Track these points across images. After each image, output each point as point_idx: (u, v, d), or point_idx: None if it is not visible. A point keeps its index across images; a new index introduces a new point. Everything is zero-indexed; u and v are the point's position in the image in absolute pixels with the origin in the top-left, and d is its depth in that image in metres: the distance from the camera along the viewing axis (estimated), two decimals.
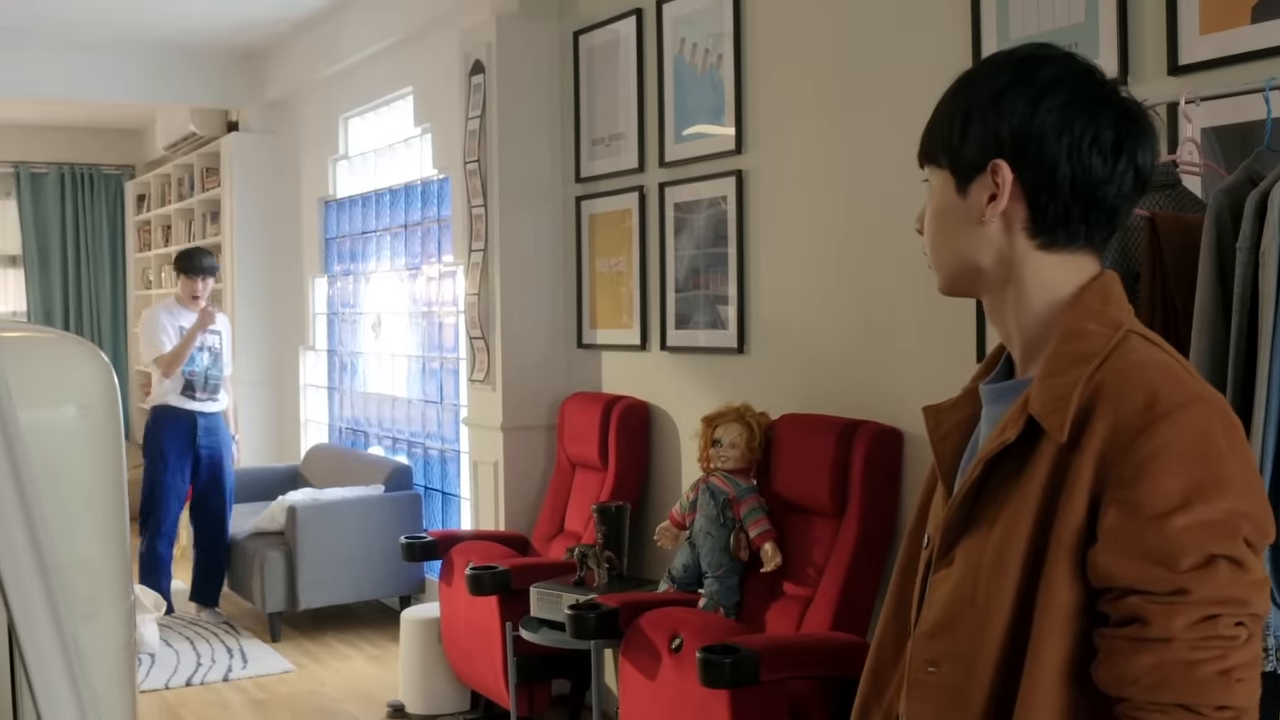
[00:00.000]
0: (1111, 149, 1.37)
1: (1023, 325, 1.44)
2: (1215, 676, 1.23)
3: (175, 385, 6.68)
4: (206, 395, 6.77)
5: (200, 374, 6.72)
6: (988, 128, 1.40)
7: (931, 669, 1.42)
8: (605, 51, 5.20)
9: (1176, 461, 1.25)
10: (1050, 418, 1.32)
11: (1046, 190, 1.38)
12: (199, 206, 9.64)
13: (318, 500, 6.58)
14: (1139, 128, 1.40)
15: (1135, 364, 1.32)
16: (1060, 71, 1.40)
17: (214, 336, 6.76)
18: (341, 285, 8.12)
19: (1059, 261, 1.41)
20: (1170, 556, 1.24)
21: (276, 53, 8.32)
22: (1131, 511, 1.26)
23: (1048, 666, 1.30)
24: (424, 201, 6.99)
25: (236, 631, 6.61)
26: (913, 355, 3.81)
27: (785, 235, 4.34)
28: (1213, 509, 1.24)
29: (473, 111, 5.49)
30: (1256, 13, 2.91)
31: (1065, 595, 1.30)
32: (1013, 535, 1.34)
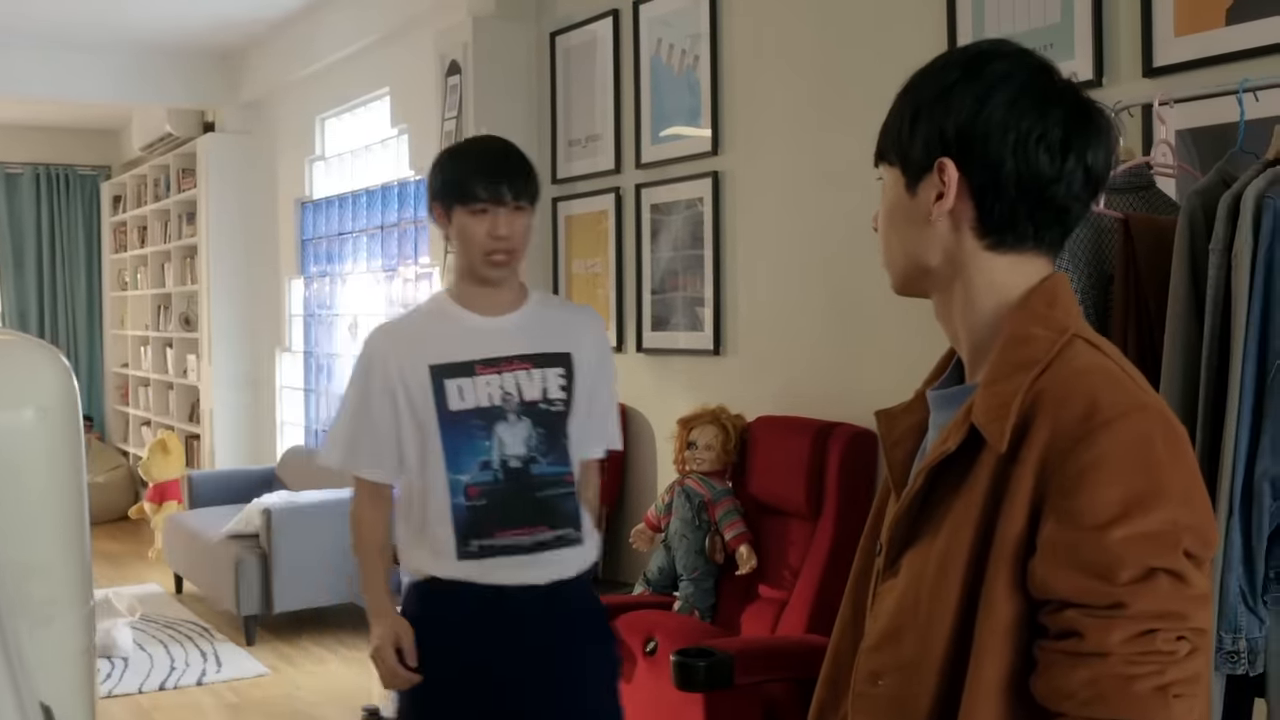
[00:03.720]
0: (1059, 147, 1.34)
1: (970, 327, 1.41)
2: (1152, 692, 1.19)
3: None
4: None
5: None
6: (934, 125, 1.37)
7: (876, 682, 1.39)
8: (582, 52, 5.18)
9: (1116, 472, 1.22)
10: (990, 427, 1.29)
11: (993, 189, 1.35)
12: (175, 207, 9.58)
13: (293, 503, 6.54)
14: (1091, 126, 1.36)
15: (1077, 371, 1.29)
16: (1010, 67, 1.36)
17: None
18: (318, 287, 8.08)
19: (1008, 263, 1.38)
20: (1108, 569, 1.20)
21: (253, 53, 8.28)
22: (1070, 522, 1.23)
23: (988, 680, 1.27)
24: (401, 202, 6.97)
25: (211, 635, 6.56)
26: (889, 357, 3.80)
27: (762, 237, 4.33)
28: (1152, 520, 1.21)
29: (449, 112, 5.46)
30: (1231, 15, 2.91)
31: (1006, 607, 1.27)
32: (955, 546, 1.32)
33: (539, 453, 2.63)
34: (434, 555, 2.63)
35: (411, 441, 2.64)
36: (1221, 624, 2.12)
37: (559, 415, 2.65)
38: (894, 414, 1.53)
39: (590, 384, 2.71)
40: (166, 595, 7.49)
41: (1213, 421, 2.16)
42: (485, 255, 2.59)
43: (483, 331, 2.66)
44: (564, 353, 2.69)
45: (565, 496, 2.66)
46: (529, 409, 2.63)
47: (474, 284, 2.67)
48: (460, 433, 2.61)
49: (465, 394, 2.61)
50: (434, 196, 2.68)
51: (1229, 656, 2.13)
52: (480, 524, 2.60)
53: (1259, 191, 2.13)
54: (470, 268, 2.65)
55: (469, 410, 2.61)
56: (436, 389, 2.61)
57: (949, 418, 1.38)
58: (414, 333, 2.73)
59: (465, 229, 2.59)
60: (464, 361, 2.63)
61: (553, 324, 2.74)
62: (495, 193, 2.57)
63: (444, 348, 2.65)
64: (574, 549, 2.68)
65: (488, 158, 2.67)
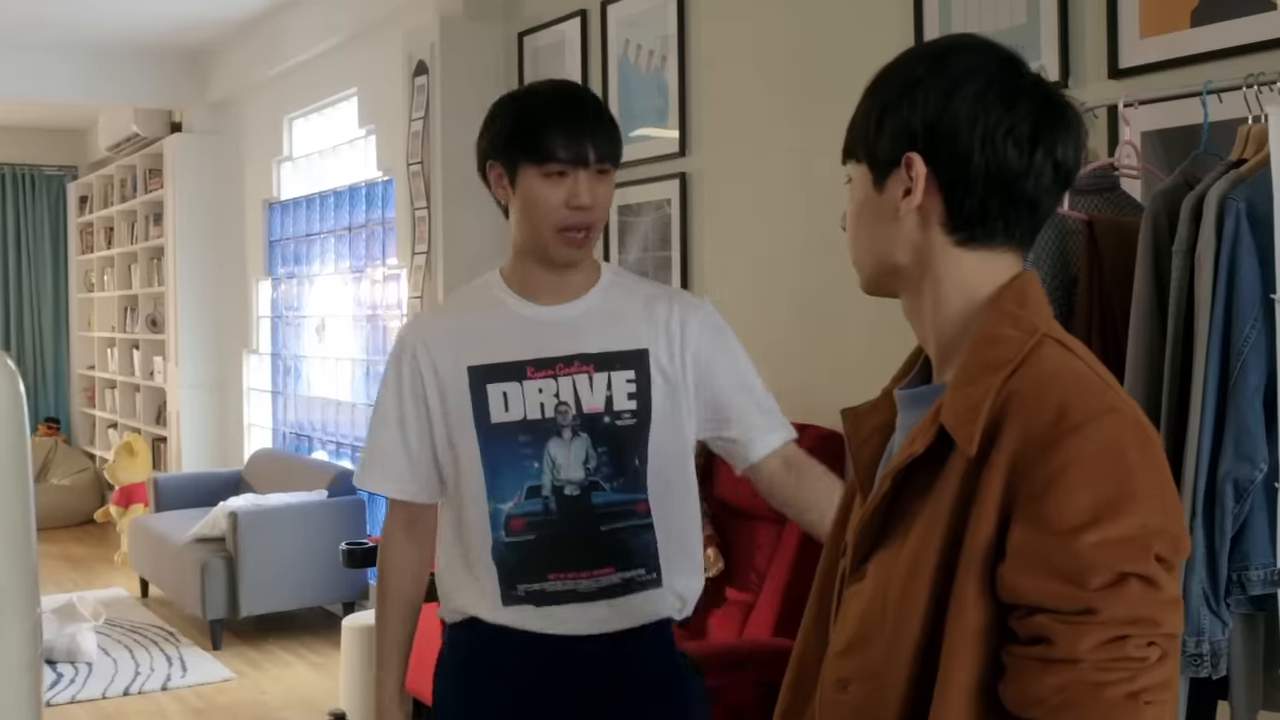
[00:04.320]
0: (1028, 140, 1.31)
1: (938, 326, 1.38)
2: (1123, 699, 1.17)
3: None
4: None
5: None
6: (901, 120, 1.35)
7: (844, 689, 1.36)
8: (550, 53, 5.16)
9: (1087, 476, 1.20)
10: (960, 430, 1.26)
11: (961, 183, 1.32)
12: (142, 208, 9.51)
13: (260, 506, 6.50)
14: (1060, 120, 1.34)
15: (1048, 373, 1.26)
16: (976, 61, 1.34)
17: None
18: (285, 288, 8.03)
19: (978, 259, 1.35)
20: (1079, 574, 1.18)
21: (220, 53, 8.22)
22: (1040, 527, 1.20)
23: (957, 687, 1.25)
24: (368, 203, 6.92)
25: (176, 639, 6.51)
26: (859, 358, 3.79)
27: (730, 238, 4.32)
28: (1124, 525, 1.19)
29: (416, 112, 5.43)
30: (1195, 16, 2.91)
31: (975, 613, 1.25)
32: (923, 550, 1.29)
33: (602, 477, 2.13)
34: (480, 596, 2.17)
35: (448, 460, 2.18)
36: (1185, 627, 2.11)
37: (629, 431, 2.15)
38: (861, 413, 1.50)
39: (687, 384, 2.21)
40: (132, 599, 7.42)
41: (1176, 423, 2.16)
42: (560, 231, 2.08)
43: (538, 324, 2.15)
44: (637, 350, 2.17)
45: (636, 530, 2.16)
46: (589, 423, 2.13)
47: (536, 264, 2.15)
48: (503, 451, 2.12)
49: (511, 403, 2.12)
50: (493, 152, 2.13)
51: (1192, 660, 2.13)
52: (527, 565, 2.13)
53: (1221, 193, 2.12)
54: (535, 244, 2.12)
55: (515, 423, 2.12)
56: (476, 396, 2.13)
57: (917, 418, 1.35)
58: (453, 325, 2.21)
59: (535, 195, 2.07)
60: (512, 362, 2.13)
61: (626, 313, 2.20)
62: (578, 151, 2.06)
63: (489, 344, 2.15)
64: (647, 594, 2.18)
65: (568, 106, 2.12)
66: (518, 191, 2.10)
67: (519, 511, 2.13)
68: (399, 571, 2.27)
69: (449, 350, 2.16)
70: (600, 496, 2.14)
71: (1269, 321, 2.08)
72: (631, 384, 2.15)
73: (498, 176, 2.14)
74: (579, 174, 2.06)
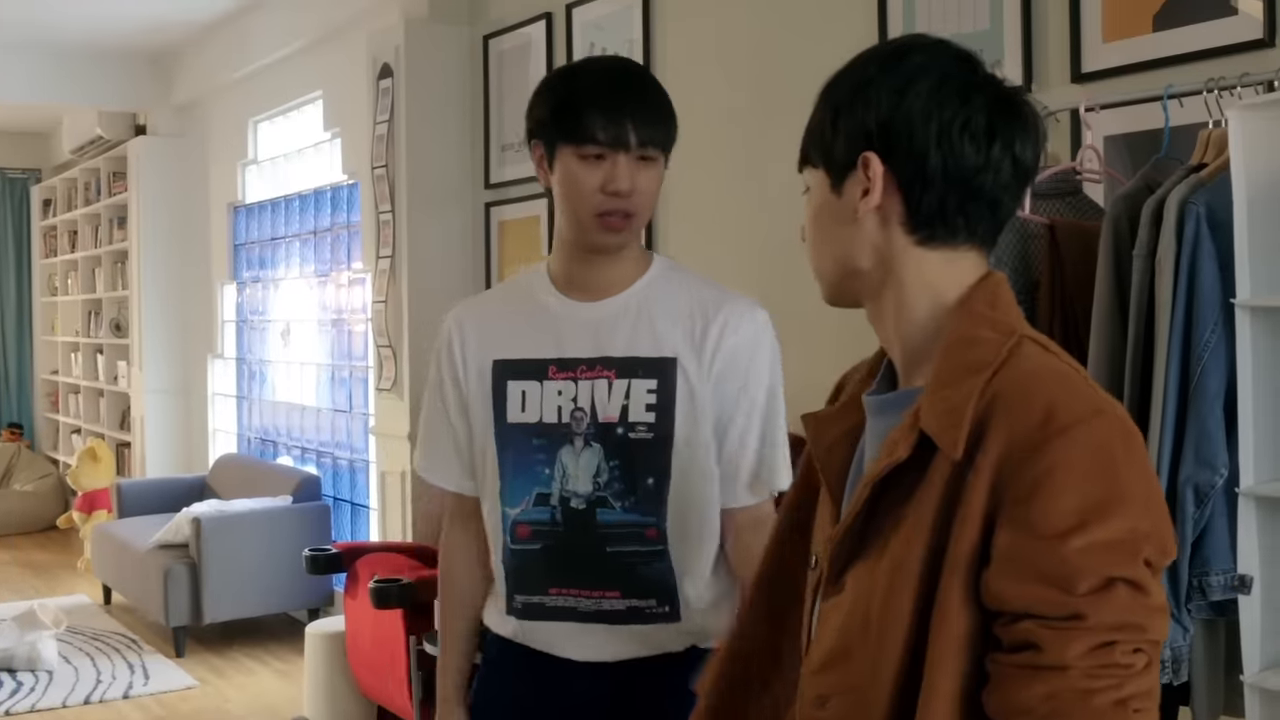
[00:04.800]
0: (984, 134, 1.29)
1: (904, 331, 1.35)
2: (1111, 706, 1.15)
3: None
4: None
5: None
6: (856, 121, 1.33)
7: (824, 705, 1.32)
8: (515, 55, 5.13)
9: (1073, 479, 1.16)
10: (943, 434, 1.23)
11: (919, 181, 1.30)
12: (106, 211, 9.44)
13: (223, 512, 6.44)
14: (1017, 117, 1.31)
15: (1031, 373, 1.23)
16: (928, 58, 1.32)
17: None
18: (251, 292, 7.98)
19: (941, 259, 1.32)
20: (1066, 579, 1.15)
21: (185, 55, 8.16)
22: (1026, 532, 1.17)
23: (942, 697, 1.22)
24: (334, 207, 6.88)
25: (139, 647, 6.44)
26: (823, 364, 3.77)
27: (693, 243, 4.30)
28: (1111, 529, 1.16)
29: (381, 116, 5.39)
30: (1158, 21, 2.91)
31: (960, 621, 1.21)
32: (906, 558, 1.25)
33: (611, 493, 1.97)
34: (492, 601, 2.11)
35: (477, 454, 2.08)
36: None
37: (643, 446, 1.97)
38: (822, 418, 1.46)
39: (715, 402, 2.02)
40: (95, 606, 7.35)
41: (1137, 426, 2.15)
42: (597, 216, 1.94)
43: (566, 321, 2.01)
44: (664, 358, 1.98)
45: (645, 557, 1.98)
46: (602, 433, 1.97)
47: (576, 253, 2.02)
48: (517, 454, 2.01)
49: (529, 403, 2.00)
50: (536, 132, 2.00)
51: None
52: (529, 575, 2.02)
53: (1182, 197, 2.12)
54: (574, 231, 1.99)
55: (530, 425, 1.99)
56: (497, 392, 2.02)
57: (888, 425, 1.32)
58: (489, 314, 2.11)
59: (571, 178, 1.94)
60: (536, 360, 2.00)
61: (663, 314, 2.02)
62: (617, 133, 1.91)
63: (517, 338, 2.03)
64: (656, 628, 2.01)
65: (612, 83, 1.98)
66: (556, 173, 1.97)
67: (525, 518, 2.01)
68: (453, 558, 2.17)
69: (480, 340, 2.06)
70: (607, 515, 1.97)
71: (1229, 326, 2.08)
72: (652, 394, 1.97)
73: (539, 158, 2.01)
74: (618, 157, 1.92)
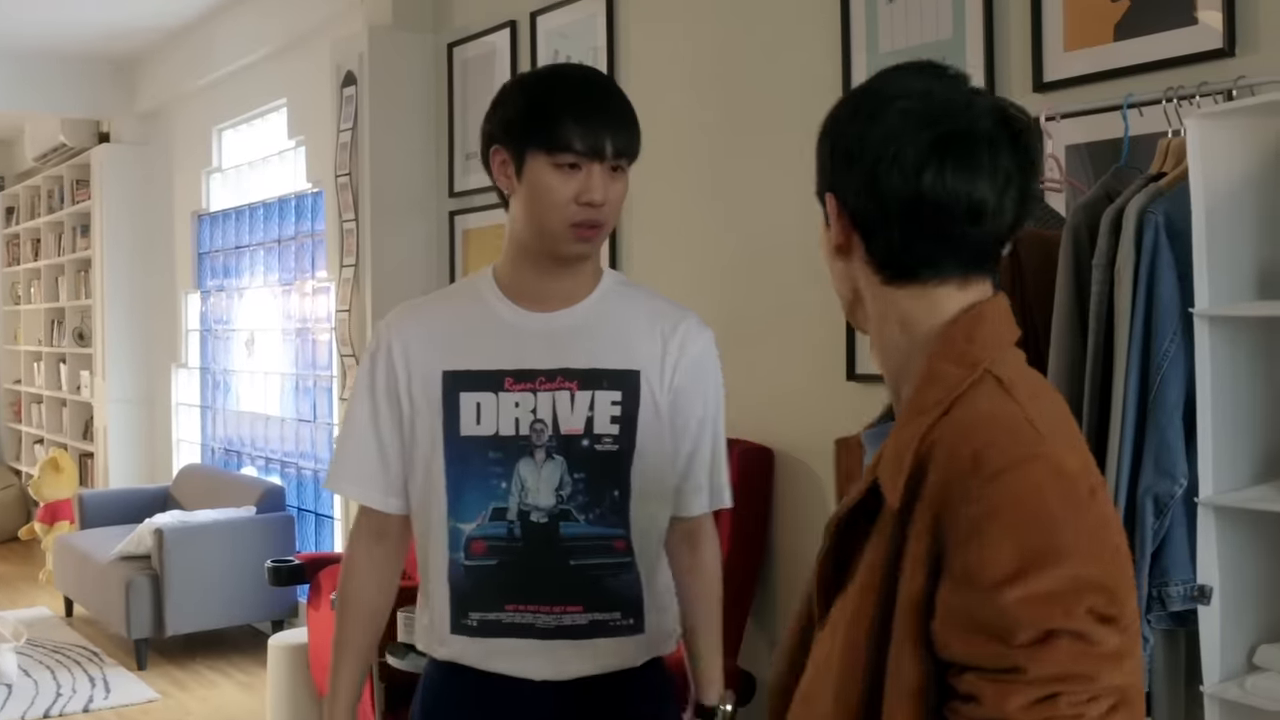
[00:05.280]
0: (933, 173, 1.25)
1: (884, 363, 1.34)
2: None
3: None
4: None
5: None
6: (822, 158, 1.33)
7: None
8: (480, 63, 5.11)
9: (1008, 527, 1.13)
10: (886, 482, 1.22)
11: (872, 220, 1.29)
12: (69, 219, 9.36)
13: (186, 523, 6.39)
14: (970, 151, 1.26)
15: (971, 418, 1.20)
16: (895, 92, 1.29)
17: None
18: (215, 301, 7.92)
19: (909, 295, 1.30)
20: (1004, 631, 1.12)
21: (149, 62, 8.11)
22: (963, 582, 1.15)
23: None
24: (298, 215, 6.84)
25: (100, 659, 6.37)
26: (784, 373, 3.76)
27: (655, 252, 4.28)
28: (1049, 579, 1.12)
29: (344, 124, 5.36)
30: (1119, 30, 2.91)
31: (912, 669, 1.19)
32: (863, 602, 1.24)
33: (575, 506, 1.94)
34: (430, 626, 2.03)
35: (412, 470, 2.01)
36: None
37: (609, 457, 1.96)
38: (851, 444, 1.48)
39: (670, 413, 2.02)
40: (56, 619, 7.27)
41: (1096, 437, 2.14)
42: (570, 226, 1.90)
43: (523, 332, 1.97)
44: (627, 370, 1.97)
45: (613, 569, 1.96)
46: (565, 445, 1.94)
47: (532, 264, 1.97)
48: (470, 467, 1.95)
49: (484, 415, 1.94)
50: (500, 137, 1.94)
51: None
52: (483, 592, 1.96)
53: (1140, 206, 2.12)
54: (538, 240, 1.93)
55: (485, 438, 1.94)
56: (448, 404, 1.96)
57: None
58: (434, 323, 2.03)
59: (543, 186, 1.88)
60: (490, 371, 1.95)
61: (623, 327, 2.01)
62: (594, 143, 1.88)
63: (468, 349, 1.97)
64: (619, 641, 1.99)
65: (589, 93, 1.96)
66: (524, 180, 1.91)
67: (481, 534, 1.95)
68: (357, 577, 2.08)
69: (426, 350, 1.99)
70: (571, 528, 1.95)
71: (1188, 336, 2.08)
72: (617, 406, 1.95)
73: (501, 163, 1.95)
74: (593, 168, 1.90)
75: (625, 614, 1.98)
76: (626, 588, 1.97)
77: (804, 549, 3.70)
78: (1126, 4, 2.90)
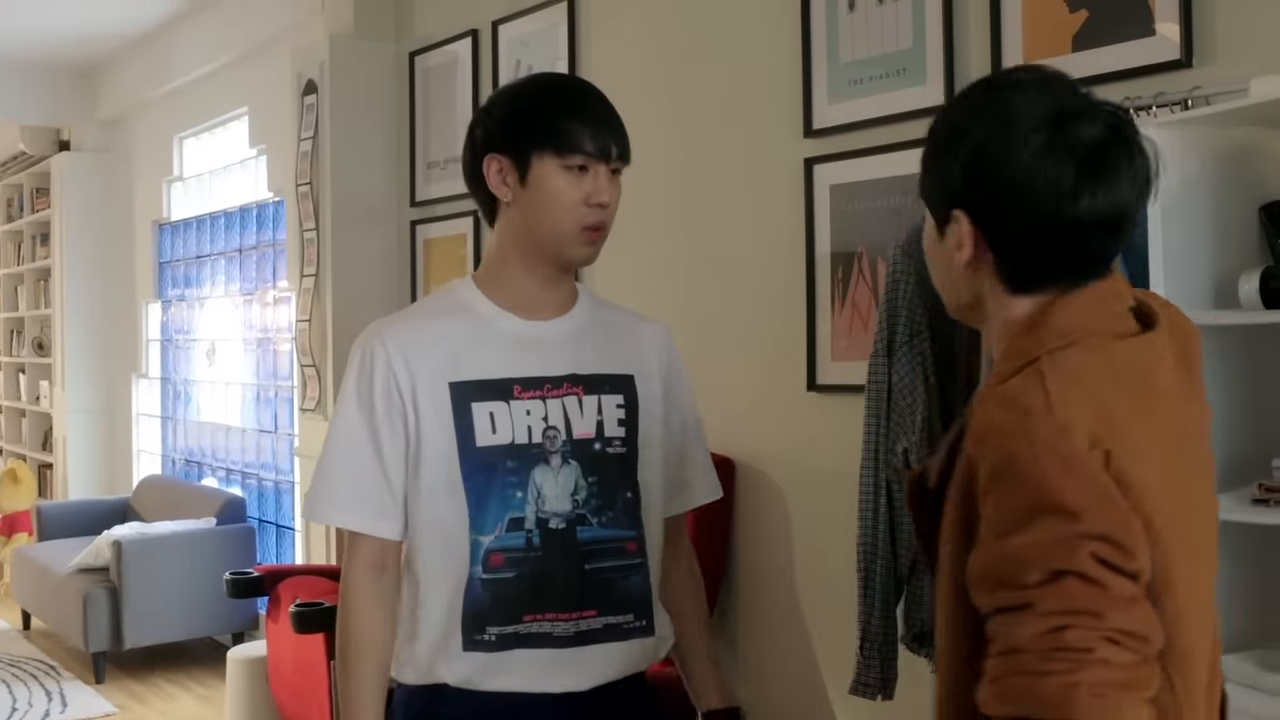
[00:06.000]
0: (1070, 191, 1.31)
1: (993, 359, 1.43)
2: (1062, 689, 1.17)
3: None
4: None
5: None
6: (948, 174, 1.37)
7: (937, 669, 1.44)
8: (441, 72, 5.09)
9: (1012, 489, 1.23)
10: (934, 463, 1.36)
11: (1014, 241, 1.35)
12: (28, 228, 9.28)
13: (145, 534, 6.32)
14: (1103, 168, 1.32)
15: (995, 398, 1.29)
16: (1021, 105, 1.34)
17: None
18: (176, 311, 7.86)
19: (1031, 302, 1.37)
20: (1015, 575, 1.22)
21: (110, 70, 8.04)
22: (981, 539, 1.26)
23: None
24: (260, 225, 6.80)
25: (58, 673, 6.30)
26: (744, 385, 3.75)
27: (616, 260, 4.26)
28: (1051, 527, 1.21)
29: (305, 132, 5.32)
30: (1078, 40, 2.92)
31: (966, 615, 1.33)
32: (946, 556, 1.35)
33: (590, 510, 1.92)
34: (428, 648, 1.92)
35: (425, 485, 1.93)
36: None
37: (619, 460, 1.96)
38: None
39: (661, 415, 2.04)
40: (14, 632, 7.20)
41: None
42: (581, 229, 1.91)
43: (524, 340, 1.95)
44: (625, 375, 2.00)
45: (626, 570, 1.95)
46: (579, 449, 1.93)
47: (532, 270, 1.96)
48: (488, 478, 1.89)
49: (499, 425, 1.90)
50: (496, 142, 1.93)
51: None
52: (503, 605, 1.89)
53: None
54: (545, 245, 1.93)
55: (501, 447, 1.89)
56: (460, 415, 1.89)
57: None
58: (429, 334, 1.95)
59: (553, 189, 1.89)
60: (499, 380, 1.91)
61: (613, 334, 2.05)
62: (602, 145, 1.91)
63: (471, 359, 1.92)
64: (631, 644, 1.96)
65: (590, 98, 1.99)
66: (529, 184, 1.90)
67: (499, 545, 1.89)
68: (367, 616, 1.94)
69: (427, 361, 1.92)
70: (587, 531, 1.92)
71: None
72: (621, 409, 1.97)
73: (499, 170, 1.93)
74: (599, 170, 1.92)
75: (638, 616, 1.96)
76: (638, 589, 1.96)
77: (765, 559, 3.69)
78: (1085, 15, 2.91)
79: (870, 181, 3.37)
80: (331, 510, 1.99)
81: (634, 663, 1.98)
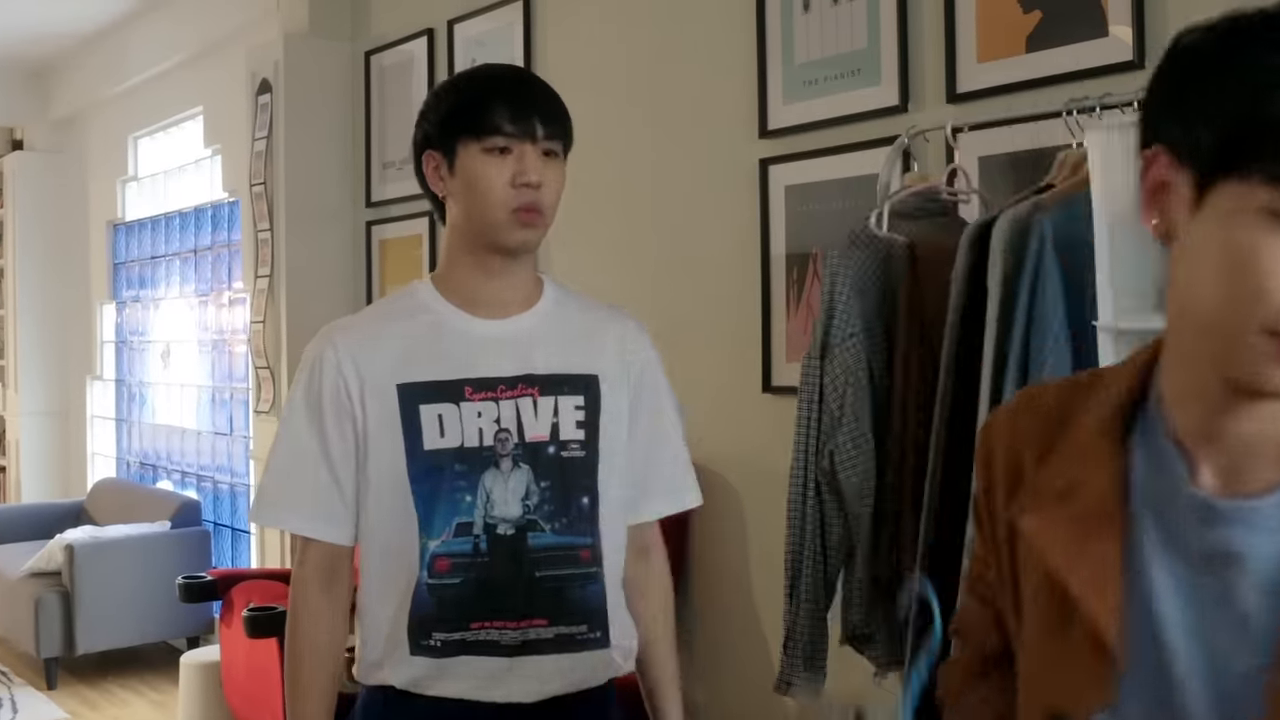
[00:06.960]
0: None
1: None
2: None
3: None
4: None
5: None
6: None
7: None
8: (397, 72, 5.05)
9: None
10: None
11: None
12: None
13: (98, 538, 6.25)
14: None
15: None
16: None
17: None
18: (130, 312, 7.78)
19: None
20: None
21: (63, 68, 7.96)
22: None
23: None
24: (215, 225, 6.74)
25: (9, 679, 6.22)
26: (699, 386, 3.73)
27: (574, 261, 4.24)
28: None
29: (259, 132, 5.27)
30: (1031, 42, 2.91)
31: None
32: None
33: (542, 516, 1.87)
34: (375, 651, 1.90)
35: (372, 489, 1.90)
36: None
37: (576, 464, 1.90)
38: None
39: (627, 417, 1.98)
40: None
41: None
42: (510, 211, 1.86)
43: (478, 340, 1.90)
44: (586, 374, 1.93)
45: (579, 580, 1.89)
46: (531, 452, 1.87)
47: (477, 263, 1.92)
48: (435, 482, 1.85)
49: (447, 427, 1.85)
50: (429, 139, 1.92)
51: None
52: (449, 611, 1.85)
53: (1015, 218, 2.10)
54: (480, 235, 1.90)
55: (449, 450, 1.85)
56: (407, 418, 1.86)
57: None
58: (378, 335, 1.92)
59: (476, 175, 1.86)
60: (449, 381, 1.87)
61: (575, 332, 1.98)
62: (524, 125, 1.86)
63: (421, 360, 1.88)
64: (585, 655, 1.90)
65: (515, 79, 1.98)
66: (457, 174, 1.89)
67: (445, 551, 1.85)
68: (316, 623, 1.92)
69: (374, 363, 1.88)
70: (538, 538, 1.87)
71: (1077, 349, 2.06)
72: (580, 411, 1.90)
73: (435, 167, 1.93)
74: (525, 149, 1.86)
75: (592, 627, 1.90)
76: (593, 599, 1.90)
77: (721, 560, 3.67)
78: (1039, 16, 2.91)
79: (825, 182, 3.36)
80: (280, 514, 1.97)
81: (587, 676, 1.91)
